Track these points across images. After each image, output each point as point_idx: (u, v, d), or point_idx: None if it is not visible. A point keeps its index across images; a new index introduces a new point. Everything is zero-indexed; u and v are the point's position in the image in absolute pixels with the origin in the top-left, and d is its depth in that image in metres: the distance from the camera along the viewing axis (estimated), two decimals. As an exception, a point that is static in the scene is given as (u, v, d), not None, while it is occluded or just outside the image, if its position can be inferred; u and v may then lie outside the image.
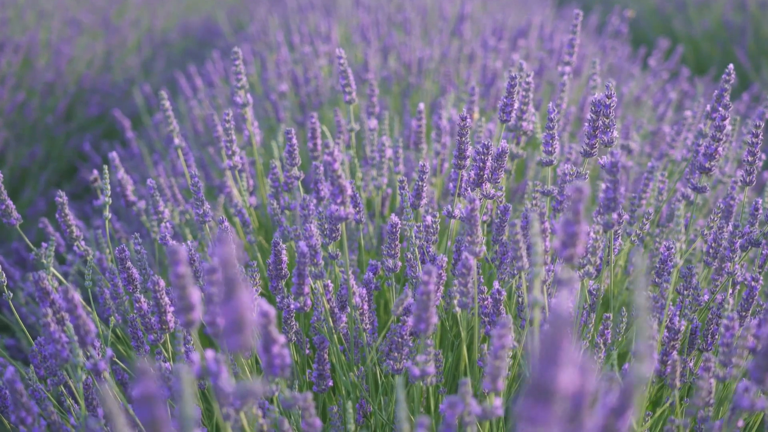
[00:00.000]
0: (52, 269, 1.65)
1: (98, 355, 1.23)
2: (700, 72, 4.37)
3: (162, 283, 1.34)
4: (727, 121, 1.34)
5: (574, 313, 1.31)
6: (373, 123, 2.10)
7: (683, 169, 1.93)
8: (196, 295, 0.99)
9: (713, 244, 1.60)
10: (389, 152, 2.00)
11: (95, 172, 1.94)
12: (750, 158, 1.42)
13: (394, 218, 1.42)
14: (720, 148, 1.34)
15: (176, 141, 1.95)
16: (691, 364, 1.44)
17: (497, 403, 1.08)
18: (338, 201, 1.29)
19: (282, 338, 1.06)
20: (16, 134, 3.88)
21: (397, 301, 1.30)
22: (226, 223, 1.53)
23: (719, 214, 1.43)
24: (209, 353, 1.04)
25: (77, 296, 1.12)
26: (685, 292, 1.52)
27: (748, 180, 1.43)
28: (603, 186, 1.24)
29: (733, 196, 1.76)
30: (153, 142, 3.19)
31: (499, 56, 2.99)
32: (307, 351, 1.62)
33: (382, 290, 1.89)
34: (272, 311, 1.05)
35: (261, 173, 2.04)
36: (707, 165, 1.35)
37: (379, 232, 2.02)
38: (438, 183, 2.10)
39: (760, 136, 1.41)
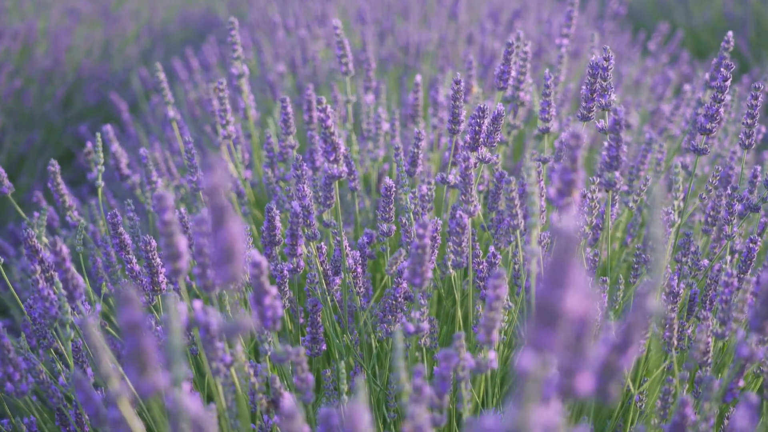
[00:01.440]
0: (44, 239, 1.64)
1: (88, 311, 1.21)
2: (700, 59, 4.36)
3: (154, 243, 1.33)
4: (728, 82, 1.32)
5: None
6: (370, 98, 2.08)
7: (681, 142, 1.91)
8: (183, 243, 0.97)
9: (711, 213, 1.59)
10: (386, 126, 1.99)
11: (89, 144, 1.92)
12: (749, 120, 1.40)
13: (388, 181, 1.40)
14: (721, 110, 1.32)
15: (171, 113, 1.93)
16: (689, 331, 1.42)
17: (492, 356, 1.06)
18: (331, 159, 1.27)
19: (274, 290, 1.05)
20: (14, 121, 3.87)
21: (391, 260, 1.28)
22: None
23: (717, 177, 1.41)
24: (197, 303, 1.02)
25: (65, 248, 1.11)
26: (684, 259, 1.50)
27: (747, 143, 1.41)
28: (605, 144, 1.22)
29: (732, 166, 1.75)
30: (150, 127, 3.17)
31: (497, 39, 2.97)
32: (301, 320, 1.60)
33: (378, 264, 1.87)
34: (264, 262, 1.03)
35: (257, 146, 2.02)
36: (708, 126, 1.33)
37: (375, 207, 2.01)
38: (435, 158, 2.08)
39: (760, 98, 1.40)
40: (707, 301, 1.42)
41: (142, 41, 5.16)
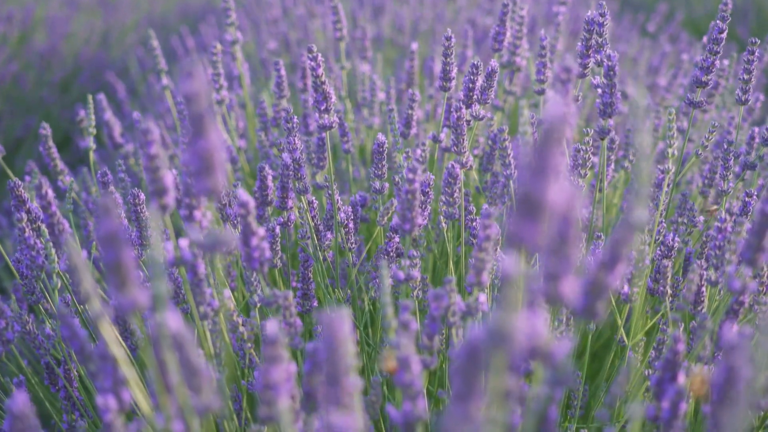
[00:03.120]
0: (35, 203, 1.62)
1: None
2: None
3: (142, 197, 1.32)
4: (723, 35, 1.31)
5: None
6: (365, 67, 2.07)
7: (678, 110, 1.89)
8: (169, 178, 0.95)
9: (709, 175, 1.58)
10: (381, 95, 1.98)
11: (82, 112, 1.91)
12: (746, 76, 1.39)
13: (380, 137, 1.39)
14: (717, 62, 1.31)
15: (164, 81, 1.92)
16: (685, 291, 1.41)
17: (482, 298, 1.05)
18: (322, 108, 1.26)
19: (261, 230, 1.03)
20: (11, 106, 3.86)
21: (383, 210, 1.27)
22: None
23: (714, 132, 1.40)
24: (182, 241, 1.01)
25: (51, 192, 1.09)
26: (680, 219, 1.49)
27: (744, 99, 1.40)
28: (599, 91, 1.21)
29: (729, 131, 1.73)
30: (146, 107, 3.16)
31: (492, 16, 2.95)
32: (294, 284, 1.59)
33: (372, 232, 1.86)
34: (252, 201, 1.02)
35: (251, 116, 2.01)
36: (704, 79, 1.32)
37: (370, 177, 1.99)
38: (430, 128, 2.07)
39: (756, 53, 1.38)
40: (703, 258, 1.40)
41: (141, 31, 5.15)
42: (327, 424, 0.66)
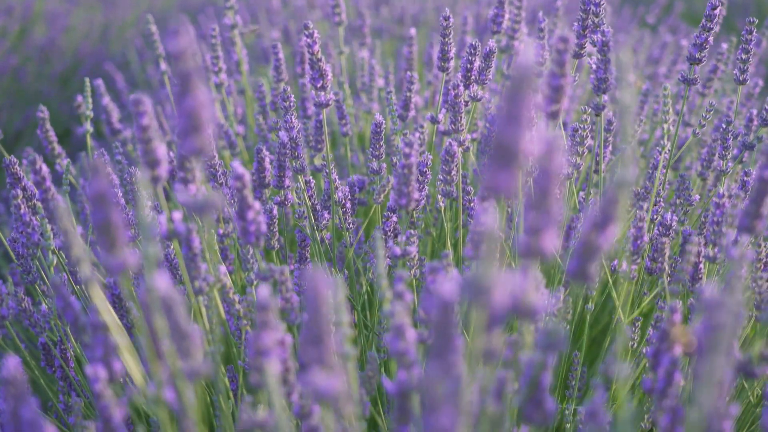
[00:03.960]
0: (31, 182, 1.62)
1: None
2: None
3: (139, 174, 1.31)
4: (717, 11, 1.30)
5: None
6: (364, 53, 2.06)
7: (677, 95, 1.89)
8: (161, 149, 0.95)
9: (707, 157, 1.57)
10: (380, 81, 1.97)
11: (79, 98, 1.90)
12: (744, 56, 1.38)
13: (378, 117, 1.38)
14: (710, 38, 1.30)
15: (162, 66, 1.91)
16: (682, 265, 1.40)
17: (478, 272, 1.04)
18: (318, 85, 1.25)
19: (257, 204, 1.03)
20: (11, 99, 3.86)
21: (379, 188, 1.26)
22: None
23: (711, 112, 1.39)
24: (176, 213, 1.00)
25: (45, 167, 1.09)
26: (678, 201, 1.49)
27: (741, 78, 1.39)
28: (593, 67, 1.20)
29: (728, 114, 1.73)
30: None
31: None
32: (292, 267, 1.58)
33: (370, 219, 1.85)
34: (247, 174, 1.01)
35: (250, 101, 2.00)
36: (697, 55, 1.31)
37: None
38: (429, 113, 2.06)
39: (754, 33, 1.38)
40: (701, 236, 1.40)
41: (141, 26, 5.15)
42: (311, 384, 0.65)
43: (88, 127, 1.64)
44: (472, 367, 0.66)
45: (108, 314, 0.79)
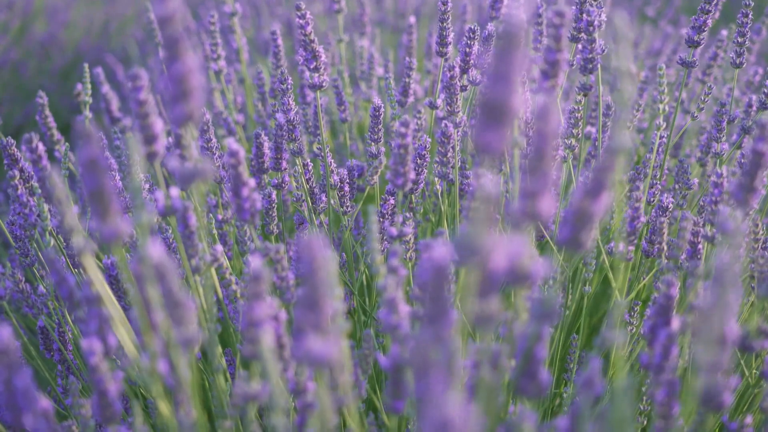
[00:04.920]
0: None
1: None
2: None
3: (137, 157, 1.31)
4: (717, -8, 1.30)
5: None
6: (364, 42, 2.06)
7: (675, 84, 1.88)
8: (159, 124, 0.95)
9: (706, 143, 1.57)
10: (380, 70, 1.97)
11: (79, 86, 1.90)
12: (740, 39, 1.38)
13: (376, 101, 1.38)
14: (708, 21, 1.30)
15: (161, 54, 1.91)
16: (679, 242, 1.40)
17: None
18: (312, 66, 1.25)
19: (252, 181, 1.03)
20: (12, 94, 3.86)
21: (372, 169, 1.26)
22: None
23: (710, 94, 1.39)
24: (173, 189, 1.00)
25: (42, 146, 1.09)
26: (677, 186, 1.48)
27: (738, 61, 1.39)
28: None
29: (726, 101, 1.72)
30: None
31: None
32: (290, 253, 1.58)
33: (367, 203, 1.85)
34: (242, 150, 1.01)
35: (250, 90, 2.00)
36: (696, 38, 1.31)
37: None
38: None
39: (750, 16, 1.37)
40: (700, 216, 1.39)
41: (142, 22, 5.15)
42: (305, 349, 0.65)
43: (88, 113, 1.64)
44: (465, 338, 0.66)
45: (101, 286, 0.79)
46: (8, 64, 3.80)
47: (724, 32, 1.74)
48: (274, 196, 1.38)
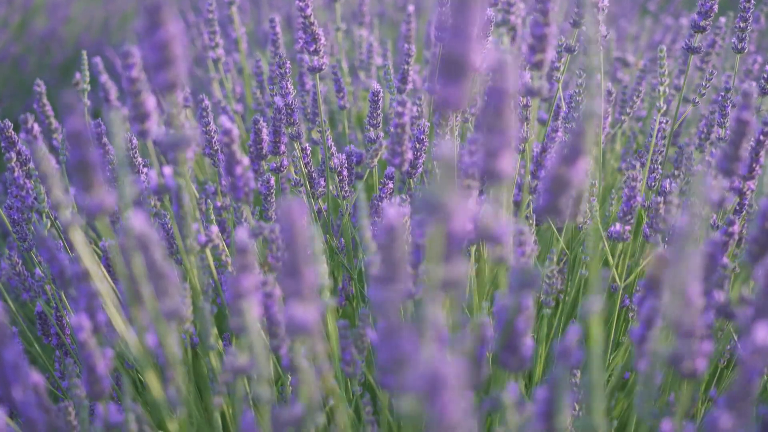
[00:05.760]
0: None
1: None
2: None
3: (135, 141, 1.31)
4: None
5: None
6: (363, 31, 2.05)
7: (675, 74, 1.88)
8: (151, 102, 0.94)
9: (705, 131, 1.56)
10: (379, 60, 1.96)
11: (77, 75, 1.89)
12: (742, 24, 1.37)
13: (375, 86, 1.38)
14: (715, 6, 1.29)
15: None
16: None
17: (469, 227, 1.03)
18: (311, 49, 1.24)
19: (246, 159, 1.02)
20: (12, 88, 3.86)
21: (372, 152, 1.25)
22: None
23: (711, 80, 1.38)
24: (167, 169, 1.00)
25: (37, 127, 1.08)
26: (676, 172, 1.47)
27: (740, 47, 1.38)
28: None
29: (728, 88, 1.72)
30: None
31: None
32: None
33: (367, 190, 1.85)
34: (235, 130, 1.01)
35: (248, 80, 2.00)
36: (702, 23, 1.30)
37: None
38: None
39: (752, 2, 1.37)
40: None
41: (142, 17, 5.15)
42: (288, 316, 0.64)
43: (86, 101, 1.63)
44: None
45: (90, 262, 0.78)
46: (8, 59, 3.80)
47: (723, 20, 1.73)
48: (272, 181, 1.37)
